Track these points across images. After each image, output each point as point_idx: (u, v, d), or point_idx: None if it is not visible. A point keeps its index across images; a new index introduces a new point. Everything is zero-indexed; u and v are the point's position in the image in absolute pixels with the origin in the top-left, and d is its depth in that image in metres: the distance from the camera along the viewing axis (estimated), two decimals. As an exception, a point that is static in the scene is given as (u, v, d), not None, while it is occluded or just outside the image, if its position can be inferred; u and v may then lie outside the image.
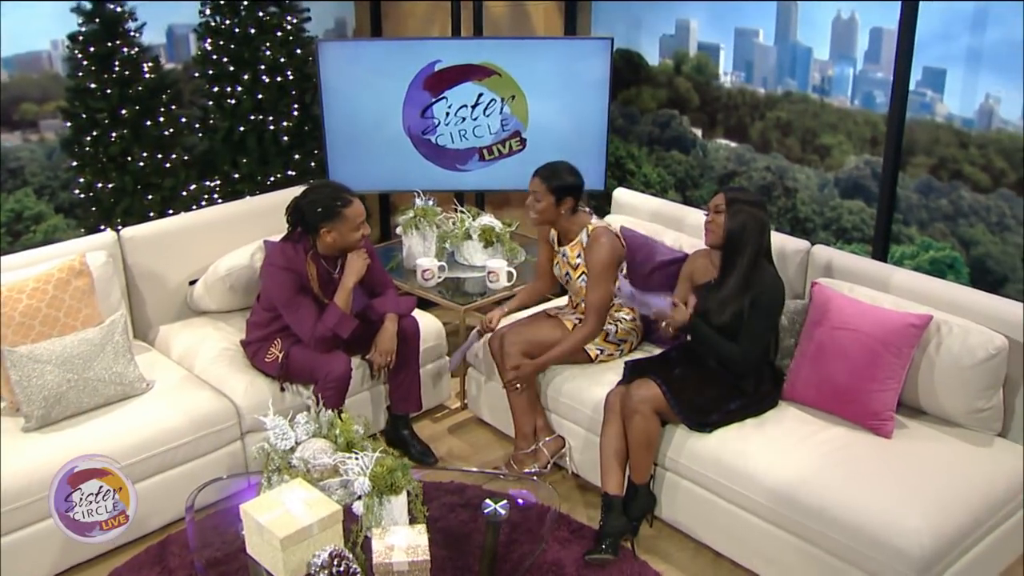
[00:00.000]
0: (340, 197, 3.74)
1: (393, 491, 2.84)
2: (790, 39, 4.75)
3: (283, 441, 3.03)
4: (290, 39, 5.22)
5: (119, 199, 4.96)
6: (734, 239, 3.50)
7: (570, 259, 3.97)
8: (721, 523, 3.48)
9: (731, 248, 3.52)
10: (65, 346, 3.59)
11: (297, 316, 3.81)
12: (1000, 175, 4.14)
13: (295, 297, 3.80)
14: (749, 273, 3.50)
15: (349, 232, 3.76)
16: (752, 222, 3.48)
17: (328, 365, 3.80)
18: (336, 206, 3.72)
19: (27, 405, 3.51)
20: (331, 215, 3.73)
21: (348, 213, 3.73)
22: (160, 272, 4.25)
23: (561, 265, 4.04)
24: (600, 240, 3.84)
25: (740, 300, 3.50)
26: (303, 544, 2.74)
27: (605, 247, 3.83)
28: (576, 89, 5.04)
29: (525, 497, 3.29)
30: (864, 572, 3.11)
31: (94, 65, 4.84)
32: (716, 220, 3.52)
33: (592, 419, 3.81)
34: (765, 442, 3.42)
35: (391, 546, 2.75)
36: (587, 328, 3.87)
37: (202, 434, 3.72)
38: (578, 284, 3.96)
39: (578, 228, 3.94)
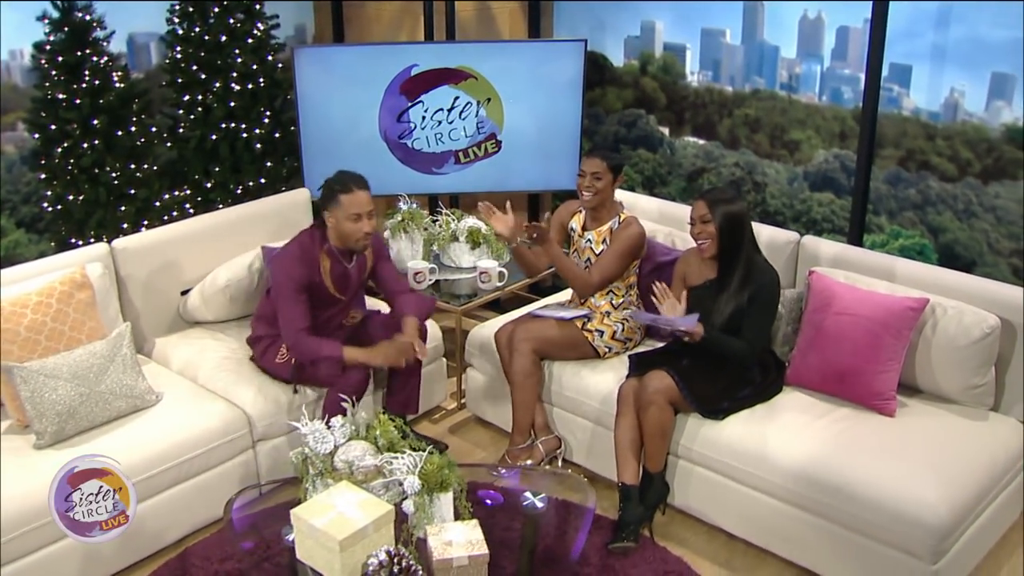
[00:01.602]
0: (343, 183, 3.74)
1: (443, 488, 2.89)
2: (757, 38, 4.91)
3: (322, 445, 3.03)
4: (261, 46, 5.19)
5: (92, 211, 4.87)
6: (728, 242, 3.63)
7: (594, 245, 4.07)
8: (736, 506, 3.61)
9: (726, 250, 3.65)
10: (75, 360, 3.53)
11: (289, 312, 3.75)
12: (966, 165, 4.37)
13: (295, 293, 3.75)
14: (747, 269, 3.63)
15: (345, 220, 3.74)
16: (738, 219, 3.62)
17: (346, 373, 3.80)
18: (335, 191, 3.73)
19: (39, 421, 3.44)
20: (330, 199, 3.74)
21: (344, 200, 3.72)
22: (152, 283, 4.19)
23: (582, 252, 4.12)
24: (632, 226, 4.01)
25: (740, 296, 3.64)
26: (359, 545, 2.76)
27: (636, 231, 4.01)
28: (550, 91, 5.14)
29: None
30: (881, 544, 3.27)
31: (63, 75, 4.74)
32: (706, 230, 3.64)
33: (600, 412, 3.91)
34: (776, 426, 3.56)
35: (449, 542, 2.79)
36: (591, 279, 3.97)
37: (215, 444, 3.69)
38: None
39: (611, 214, 4.06)
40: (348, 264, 3.89)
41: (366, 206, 3.76)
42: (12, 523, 3.19)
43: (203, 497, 3.71)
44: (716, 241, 3.63)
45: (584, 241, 4.12)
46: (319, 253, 3.82)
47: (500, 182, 5.31)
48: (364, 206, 3.75)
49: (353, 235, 3.77)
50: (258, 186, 5.31)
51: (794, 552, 3.51)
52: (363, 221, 3.76)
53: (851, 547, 3.34)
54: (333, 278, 3.85)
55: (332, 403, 3.73)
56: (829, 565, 3.42)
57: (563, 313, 4.05)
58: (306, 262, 3.79)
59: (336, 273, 3.86)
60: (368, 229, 3.79)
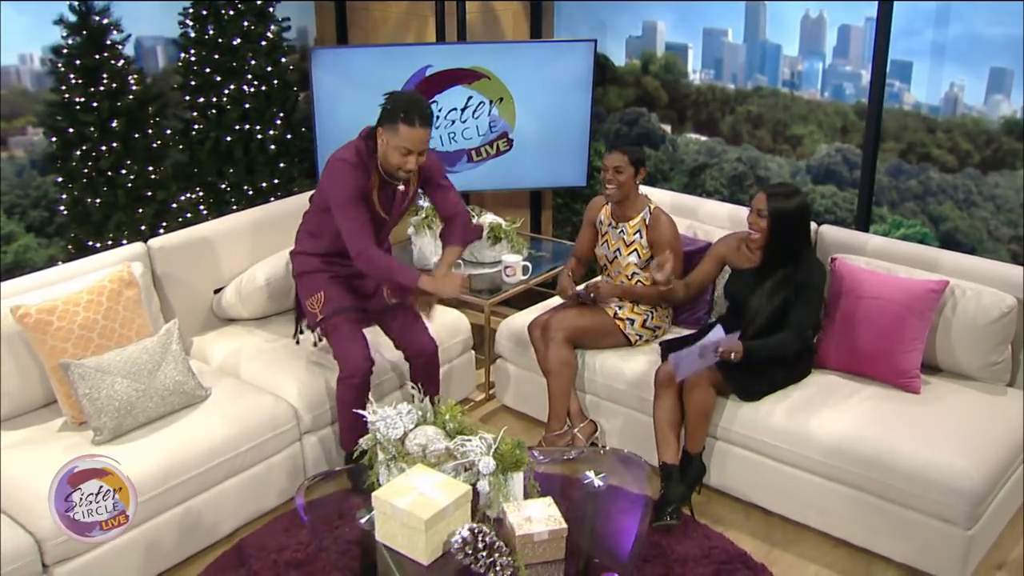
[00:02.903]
0: (408, 115, 3.55)
1: (516, 467, 3.00)
2: (759, 37, 5.10)
3: (393, 430, 3.13)
4: (274, 48, 5.26)
5: (110, 214, 4.90)
6: (777, 236, 3.78)
7: (627, 235, 4.19)
8: (773, 483, 3.78)
9: (773, 244, 3.81)
10: (129, 356, 3.59)
11: (353, 224, 3.62)
12: (966, 156, 4.59)
13: (356, 202, 3.62)
14: (795, 264, 3.80)
15: (394, 149, 3.59)
16: (790, 217, 3.78)
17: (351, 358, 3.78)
18: (399, 117, 3.55)
19: (97, 417, 3.49)
20: (390, 122, 3.57)
21: (403, 131, 3.55)
22: (187, 282, 4.25)
23: (611, 242, 4.25)
24: (662, 218, 4.15)
25: (787, 288, 3.79)
26: (440, 525, 2.86)
27: (671, 222, 4.16)
28: (560, 90, 5.28)
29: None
30: (917, 512, 3.46)
31: (81, 78, 4.77)
32: (759, 223, 3.79)
33: (635, 397, 4.05)
34: (810, 405, 3.74)
35: (528, 517, 2.91)
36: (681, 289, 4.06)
37: (266, 438, 3.77)
38: (626, 261, 4.19)
39: (641, 206, 4.19)
40: (395, 185, 3.77)
41: (420, 145, 3.60)
42: (77, 518, 3.23)
43: (253, 490, 3.78)
44: (766, 234, 3.78)
45: (617, 232, 4.25)
46: (372, 167, 3.69)
47: (511, 180, 5.44)
48: (419, 145, 3.59)
49: (396, 165, 3.64)
50: (271, 187, 5.37)
51: (831, 524, 3.68)
52: (411, 157, 3.61)
53: (888, 517, 3.52)
54: (379, 196, 3.75)
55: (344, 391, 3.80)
56: (866, 535, 3.60)
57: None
58: (362, 172, 3.66)
59: (383, 196, 3.76)
60: (412, 167, 3.64)
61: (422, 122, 3.56)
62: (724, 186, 5.38)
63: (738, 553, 3.63)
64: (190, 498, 3.56)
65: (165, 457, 3.48)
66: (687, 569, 3.54)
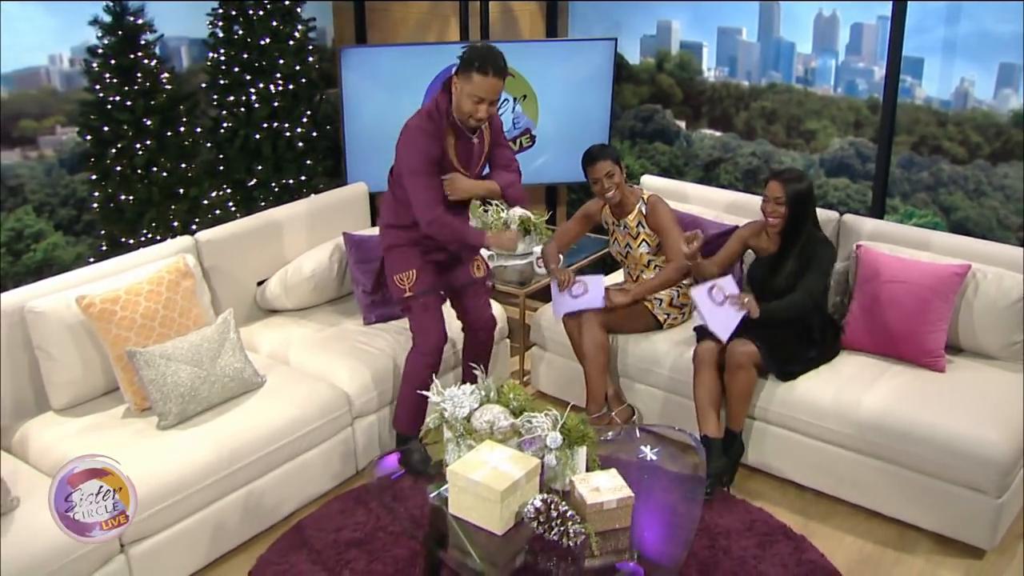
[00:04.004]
0: (483, 63, 3.59)
1: (581, 441, 3.15)
2: (773, 36, 5.29)
3: (460, 409, 3.27)
4: (300, 48, 5.38)
5: (144, 210, 4.99)
6: (794, 219, 3.98)
7: (631, 229, 4.38)
8: (808, 459, 3.95)
9: (791, 226, 4.02)
10: (191, 344, 3.70)
11: (424, 194, 3.70)
12: (976, 148, 4.80)
13: (430, 168, 3.69)
14: (805, 243, 3.99)
15: (467, 97, 3.63)
16: (804, 198, 3.98)
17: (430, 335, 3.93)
18: (473, 66, 3.59)
19: (163, 403, 3.60)
20: (465, 70, 3.62)
21: (476, 79, 3.59)
22: (232, 274, 4.36)
23: (621, 239, 4.42)
24: (659, 204, 4.37)
25: (799, 262, 3.99)
26: (513, 496, 3.01)
27: (666, 205, 4.38)
28: (581, 87, 5.44)
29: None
30: (949, 483, 3.64)
31: (115, 77, 4.87)
32: (778, 210, 3.98)
33: (670, 379, 4.22)
34: (842, 384, 3.92)
35: (596, 488, 3.05)
36: (674, 268, 4.28)
37: (322, 422, 3.90)
38: (639, 252, 4.36)
39: (635, 199, 4.39)
40: (471, 138, 3.82)
41: (492, 94, 3.64)
42: (149, 500, 3.35)
43: (309, 473, 3.91)
44: (785, 219, 3.97)
45: (622, 228, 4.44)
46: (446, 125, 3.74)
47: (533, 174, 5.59)
48: (491, 93, 3.63)
49: (467, 113, 3.67)
50: (299, 183, 5.49)
51: (865, 497, 3.86)
52: (482, 105, 3.65)
53: (920, 488, 3.71)
54: (457, 151, 3.79)
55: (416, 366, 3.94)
56: (899, 506, 3.79)
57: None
58: (436, 135, 3.71)
59: (460, 147, 3.80)
60: (482, 115, 3.68)
61: (496, 72, 3.61)
62: (738, 180, 5.56)
63: (778, 525, 3.80)
64: (252, 480, 3.68)
65: (229, 441, 3.60)
66: (732, 541, 3.70)
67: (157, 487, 3.38)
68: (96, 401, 3.82)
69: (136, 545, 3.35)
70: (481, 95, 3.62)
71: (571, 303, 4.32)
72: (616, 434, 4.17)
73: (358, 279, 4.44)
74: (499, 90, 3.66)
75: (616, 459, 3.37)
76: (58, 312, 3.65)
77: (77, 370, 3.72)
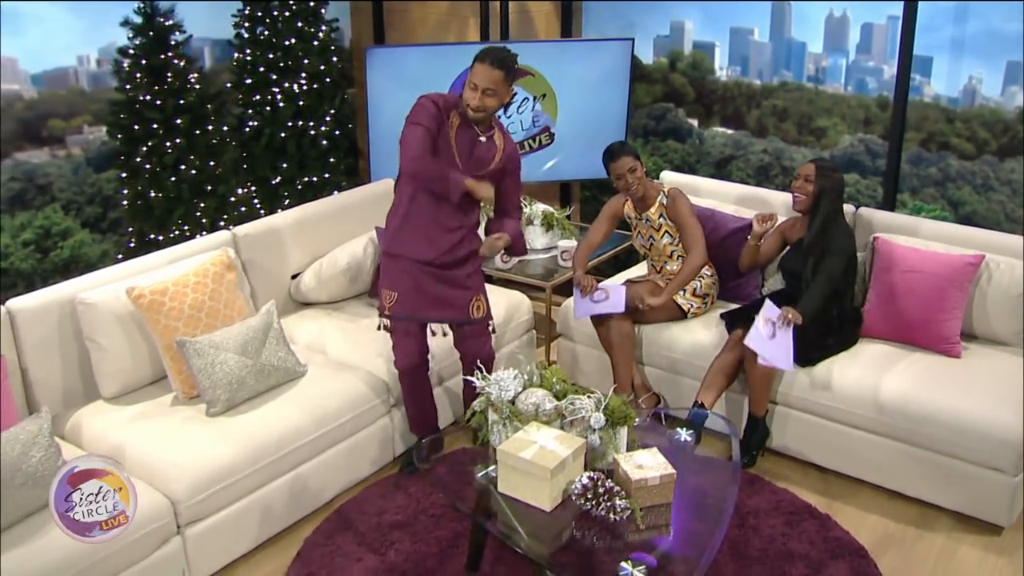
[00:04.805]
0: (484, 52, 3.76)
1: (624, 422, 3.29)
2: (785, 35, 5.45)
3: (505, 393, 3.40)
4: (325, 48, 5.51)
5: (173, 208, 5.11)
6: (820, 203, 4.14)
7: (653, 222, 4.55)
8: (829, 442, 4.11)
9: (816, 210, 4.17)
10: (237, 334, 3.82)
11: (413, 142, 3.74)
12: (983, 144, 4.96)
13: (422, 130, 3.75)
14: (827, 226, 4.16)
15: (466, 84, 3.80)
16: (835, 185, 4.14)
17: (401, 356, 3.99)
18: (476, 56, 3.78)
19: (212, 391, 3.72)
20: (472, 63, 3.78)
21: (475, 67, 3.76)
22: (268, 267, 4.48)
23: (644, 232, 4.58)
24: (679, 196, 4.54)
25: (818, 247, 4.15)
26: (562, 474, 3.14)
27: (686, 198, 4.55)
28: (599, 86, 5.58)
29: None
30: (968, 463, 3.81)
31: (146, 77, 4.98)
32: (806, 188, 4.14)
33: (696, 367, 4.35)
34: (862, 369, 4.08)
35: (640, 465, 3.19)
36: (698, 256, 4.44)
37: (362, 410, 4.02)
38: (662, 243, 4.51)
39: (656, 192, 4.56)
40: (476, 134, 3.91)
41: (484, 82, 3.74)
42: (203, 483, 3.48)
43: (349, 459, 4.03)
44: (811, 199, 4.15)
45: (644, 222, 4.60)
46: (453, 108, 3.86)
47: (552, 172, 5.74)
48: (483, 81, 3.74)
49: (465, 99, 3.80)
50: (322, 181, 5.62)
51: (886, 478, 4.02)
52: (476, 93, 3.75)
53: (939, 468, 3.87)
54: (457, 139, 3.87)
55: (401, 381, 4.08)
56: (919, 486, 3.95)
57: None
58: (444, 107, 3.83)
59: (461, 136, 3.88)
60: (475, 104, 3.77)
61: (493, 62, 3.72)
62: (750, 176, 5.71)
63: (804, 505, 3.95)
64: (298, 466, 3.81)
65: (277, 427, 3.73)
66: (760, 520, 3.85)
67: (211, 470, 3.50)
68: (143, 390, 3.94)
69: (192, 526, 3.47)
70: (476, 81, 3.74)
71: (592, 307, 4.45)
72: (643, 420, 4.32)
73: (390, 272, 4.57)
74: (494, 80, 3.74)
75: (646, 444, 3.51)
76: (108, 303, 3.77)
77: (126, 359, 3.84)
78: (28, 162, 5.09)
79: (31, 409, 3.71)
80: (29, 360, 3.70)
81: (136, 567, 3.30)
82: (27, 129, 5.06)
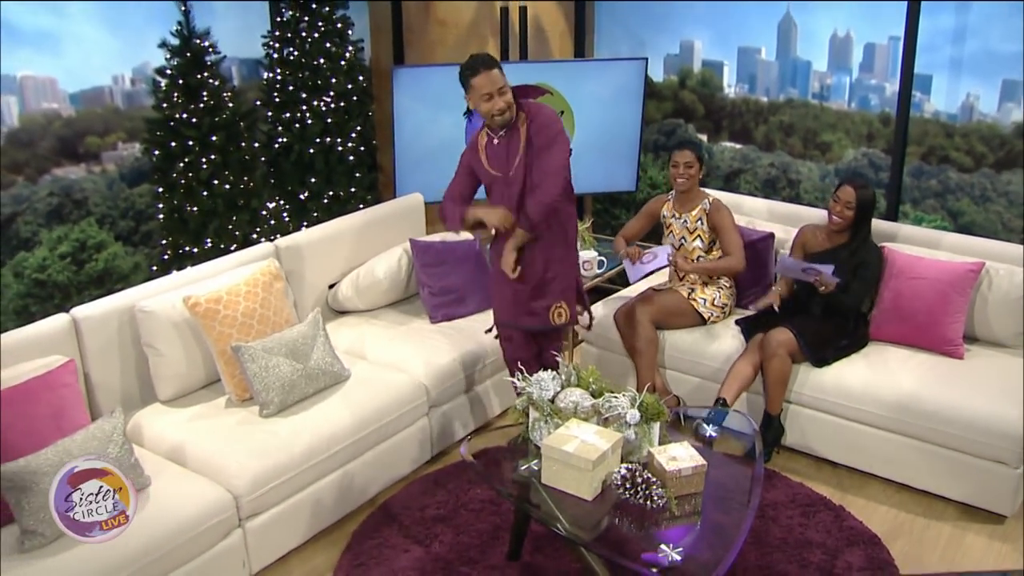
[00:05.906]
0: (472, 67, 3.92)
1: (657, 418, 3.54)
2: (791, 55, 5.73)
3: (545, 392, 3.65)
4: (351, 67, 5.76)
5: (207, 221, 5.33)
6: (858, 222, 4.45)
7: (689, 224, 4.78)
8: (842, 439, 4.36)
9: (855, 228, 4.48)
10: (288, 340, 4.05)
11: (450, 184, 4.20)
12: (981, 157, 5.25)
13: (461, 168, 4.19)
14: (860, 246, 4.46)
15: (479, 101, 3.93)
16: (869, 205, 4.45)
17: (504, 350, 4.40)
18: (467, 76, 3.94)
19: (265, 393, 3.94)
20: (465, 85, 3.96)
21: (475, 83, 3.91)
22: (308, 278, 4.72)
23: (677, 232, 4.82)
24: (723, 207, 4.76)
25: (852, 263, 4.43)
26: (601, 466, 3.39)
27: (728, 209, 4.77)
28: (613, 103, 5.84)
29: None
30: (973, 456, 4.06)
31: (182, 96, 5.20)
32: (845, 214, 4.42)
33: (717, 371, 4.60)
34: (872, 369, 4.33)
35: (673, 457, 3.43)
36: (736, 260, 4.68)
37: (404, 411, 4.25)
38: (692, 246, 4.77)
39: (700, 197, 4.79)
40: (497, 137, 4.06)
41: (495, 84, 3.89)
42: (263, 479, 3.70)
43: (393, 459, 4.26)
44: (850, 221, 4.44)
45: (680, 223, 4.83)
46: (480, 133, 4.11)
47: (568, 185, 5.98)
48: (493, 85, 3.89)
49: (488, 113, 3.95)
50: (347, 196, 5.86)
51: (895, 471, 4.27)
52: (495, 99, 3.90)
53: (946, 461, 4.12)
54: (487, 154, 4.09)
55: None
56: (927, 479, 4.20)
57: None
58: (472, 144, 4.14)
59: (489, 149, 4.08)
60: (501, 105, 3.92)
61: (485, 67, 3.90)
62: (758, 189, 5.98)
63: (819, 497, 4.20)
64: (345, 464, 4.03)
65: (326, 427, 3.95)
66: (778, 512, 4.10)
67: (269, 467, 3.72)
68: (197, 393, 4.16)
69: (252, 520, 3.70)
70: (486, 90, 3.91)
71: (642, 269, 4.76)
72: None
73: (423, 281, 4.81)
74: (498, 79, 3.92)
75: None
76: (165, 311, 4.00)
77: (182, 364, 4.06)
78: (66, 178, 5.32)
79: (92, 411, 3.92)
80: (91, 365, 3.92)
81: (202, 557, 3.51)
82: (65, 146, 5.29)
